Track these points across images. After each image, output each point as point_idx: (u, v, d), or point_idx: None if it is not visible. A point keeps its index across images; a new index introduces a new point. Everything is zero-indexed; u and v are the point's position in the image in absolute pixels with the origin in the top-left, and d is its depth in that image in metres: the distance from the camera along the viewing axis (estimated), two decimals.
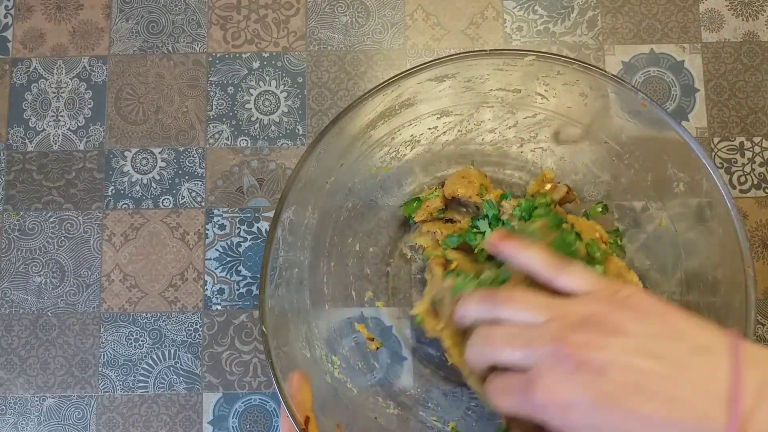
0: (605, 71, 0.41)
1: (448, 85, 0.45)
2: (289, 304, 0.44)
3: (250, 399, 0.52)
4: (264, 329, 0.39)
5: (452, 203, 0.49)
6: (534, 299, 0.36)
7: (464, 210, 0.50)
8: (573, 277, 0.36)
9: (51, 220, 0.54)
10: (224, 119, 0.55)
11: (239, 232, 0.53)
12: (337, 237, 0.49)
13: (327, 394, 0.45)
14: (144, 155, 0.55)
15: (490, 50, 0.43)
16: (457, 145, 0.50)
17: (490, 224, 0.46)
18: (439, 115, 0.48)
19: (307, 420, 0.39)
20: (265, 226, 0.53)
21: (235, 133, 0.55)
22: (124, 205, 0.54)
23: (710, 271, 0.44)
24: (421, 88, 0.44)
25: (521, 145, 0.50)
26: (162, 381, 0.52)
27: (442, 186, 0.49)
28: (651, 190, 0.47)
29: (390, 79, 0.41)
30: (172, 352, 0.52)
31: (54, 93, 0.55)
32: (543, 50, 0.42)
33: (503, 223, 0.45)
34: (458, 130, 0.50)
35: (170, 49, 0.56)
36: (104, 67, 0.56)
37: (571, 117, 0.47)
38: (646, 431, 0.30)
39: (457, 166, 0.51)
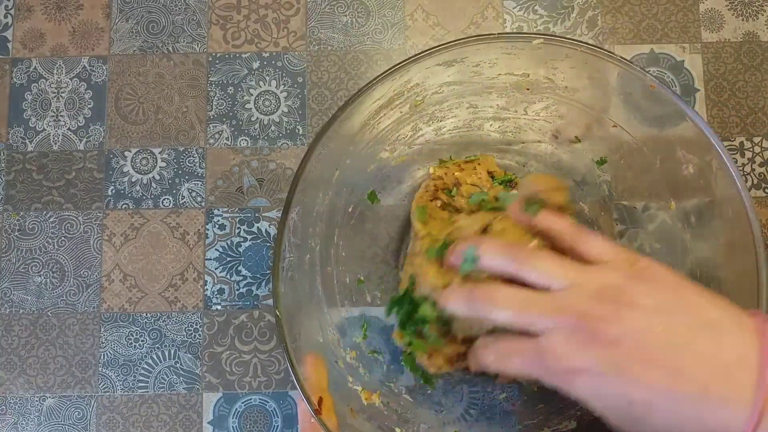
0: (613, 53, 0.41)
1: (456, 70, 0.45)
2: (301, 290, 0.44)
3: (250, 399, 0.52)
4: (278, 314, 0.40)
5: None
6: (558, 262, 0.36)
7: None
8: (596, 243, 0.37)
9: (51, 220, 0.54)
10: (224, 119, 0.55)
11: (239, 232, 0.53)
12: (344, 231, 0.49)
13: (340, 379, 0.45)
14: (144, 155, 0.55)
15: (498, 33, 0.43)
16: (464, 132, 0.50)
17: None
18: None
19: (320, 401, 0.39)
20: (265, 226, 0.53)
21: (235, 133, 0.55)
22: (124, 205, 0.54)
23: (713, 271, 0.43)
24: (429, 73, 0.44)
25: (528, 131, 0.50)
26: (162, 381, 0.52)
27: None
28: (653, 189, 0.47)
29: (399, 63, 0.41)
30: (172, 352, 0.52)
31: (54, 93, 0.55)
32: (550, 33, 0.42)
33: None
34: (465, 117, 0.50)
35: (170, 49, 0.56)
36: (104, 67, 0.56)
37: (580, 101, 0.46)
38: (650, 400, 0.32)
39: (464, 152, 0.51)
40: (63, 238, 0.54)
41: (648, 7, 0.55)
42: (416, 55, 0.41)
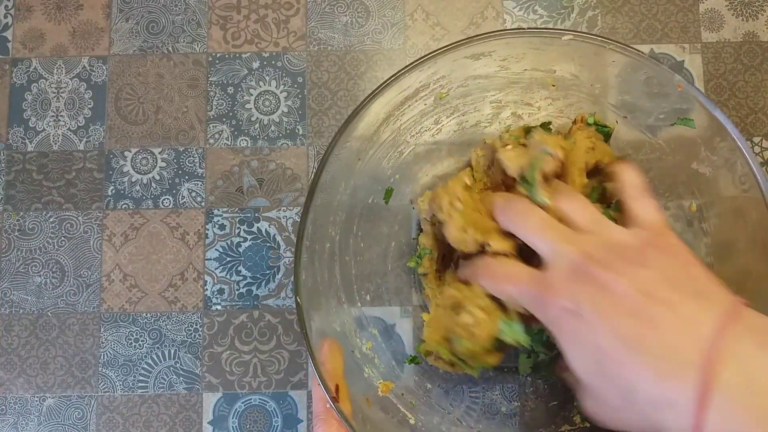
0: (642, 53, 0.41)
1: (483, 63, 0.45)
2: (320, 278, 0.45)
3: (250, 399, 0.52)
4: (298, 300, 0.40)
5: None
6: (591, 208, 0.38)
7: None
8: (639, 203, 0.39)
9: (51, 220, 0.54)
10: (224, 119, 0.55)
11: (239, 232, 0.53)
12: (363, 222, 0.49)
13: (355, 369, 0.45)
14: (144, 155, 0.55)
15: (528, 28, 0.43)
16: (483, 127, 0.50)
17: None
18: None
19: (337, 388, 0.39)
20: (265, 226, 0.53)
21: (235, 133, 0.55)
22: (124, 205, 0.54)
23: (715, 270, 0.43)
24: (456, 66, 0.44)
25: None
26: (162, 381, 0.52)
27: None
28: (659, 187, 0.47)
29: (429, 54, 0.41)
30: (172, 352, 0.52)
31: (54, 93, 0.55)
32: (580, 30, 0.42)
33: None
34: (488, 111, 0.50)
35: (170, 49, 0.56)
36: (104, 67, 0.56)
37: (603, 98, 0.46)
38: (622, 350, 0.32)
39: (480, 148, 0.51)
40: (63, 238, 0.54)
41: (648, 7, 0.55)
42: (447, 45, 0.41)
